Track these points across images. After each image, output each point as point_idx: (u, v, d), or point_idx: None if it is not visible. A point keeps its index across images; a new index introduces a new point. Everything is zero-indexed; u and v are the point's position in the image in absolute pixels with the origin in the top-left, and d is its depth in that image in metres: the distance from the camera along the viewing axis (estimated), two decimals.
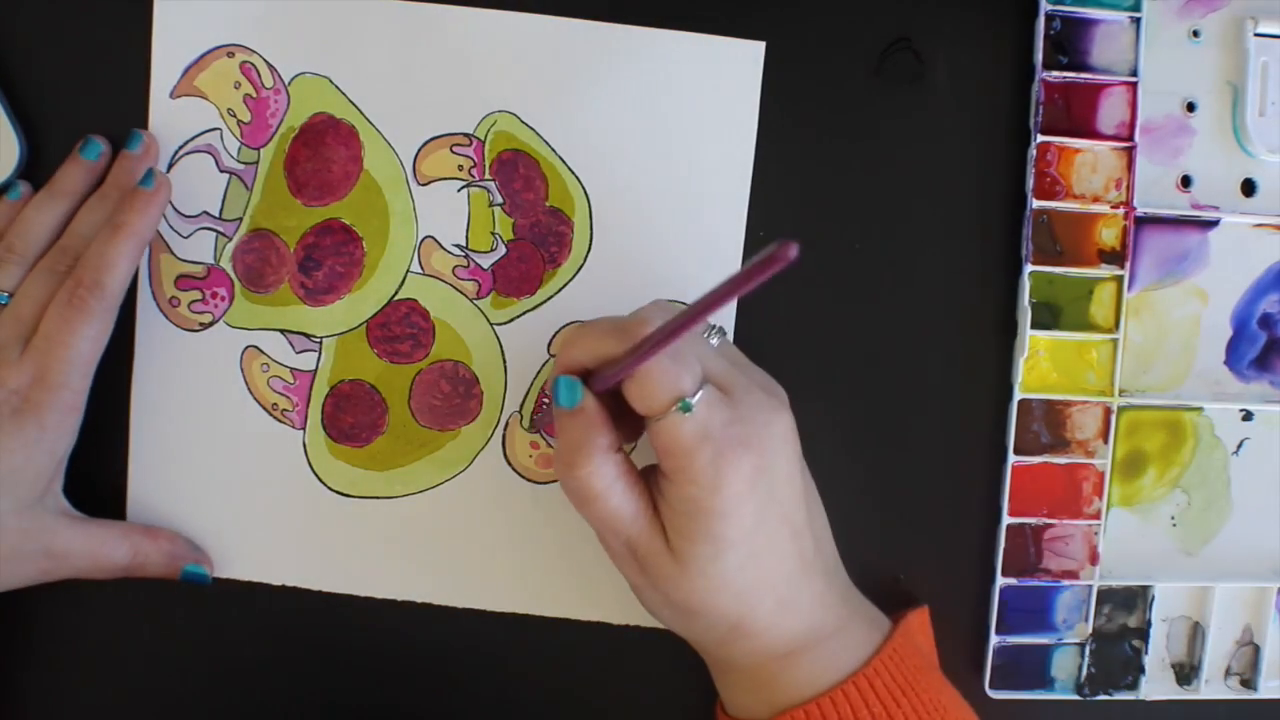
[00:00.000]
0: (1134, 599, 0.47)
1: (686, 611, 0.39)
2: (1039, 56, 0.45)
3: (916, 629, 0.43)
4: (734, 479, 0.37)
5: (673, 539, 0.38)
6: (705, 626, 0.40)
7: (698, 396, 0.37)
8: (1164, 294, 0.47)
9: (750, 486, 0.37)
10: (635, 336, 0.37)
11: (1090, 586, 0.47)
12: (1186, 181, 0.47)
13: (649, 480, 0.40)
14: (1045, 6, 0.45)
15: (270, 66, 0.45)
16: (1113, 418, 0.46)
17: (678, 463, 0.37)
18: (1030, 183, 0.45)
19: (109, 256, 0.42)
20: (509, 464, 0.46)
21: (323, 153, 0.45)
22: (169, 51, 0.45)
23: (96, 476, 0.45)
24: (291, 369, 0.46)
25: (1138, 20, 0.45)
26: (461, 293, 0.46)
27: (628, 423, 0.39)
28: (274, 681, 0.47)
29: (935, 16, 0.46)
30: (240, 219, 0.45)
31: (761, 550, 0.38)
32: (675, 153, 0.45)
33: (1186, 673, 0.48)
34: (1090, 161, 0.46)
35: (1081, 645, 0.47)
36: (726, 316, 0.46)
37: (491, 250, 0.46)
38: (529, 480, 0.46)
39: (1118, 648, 0.47)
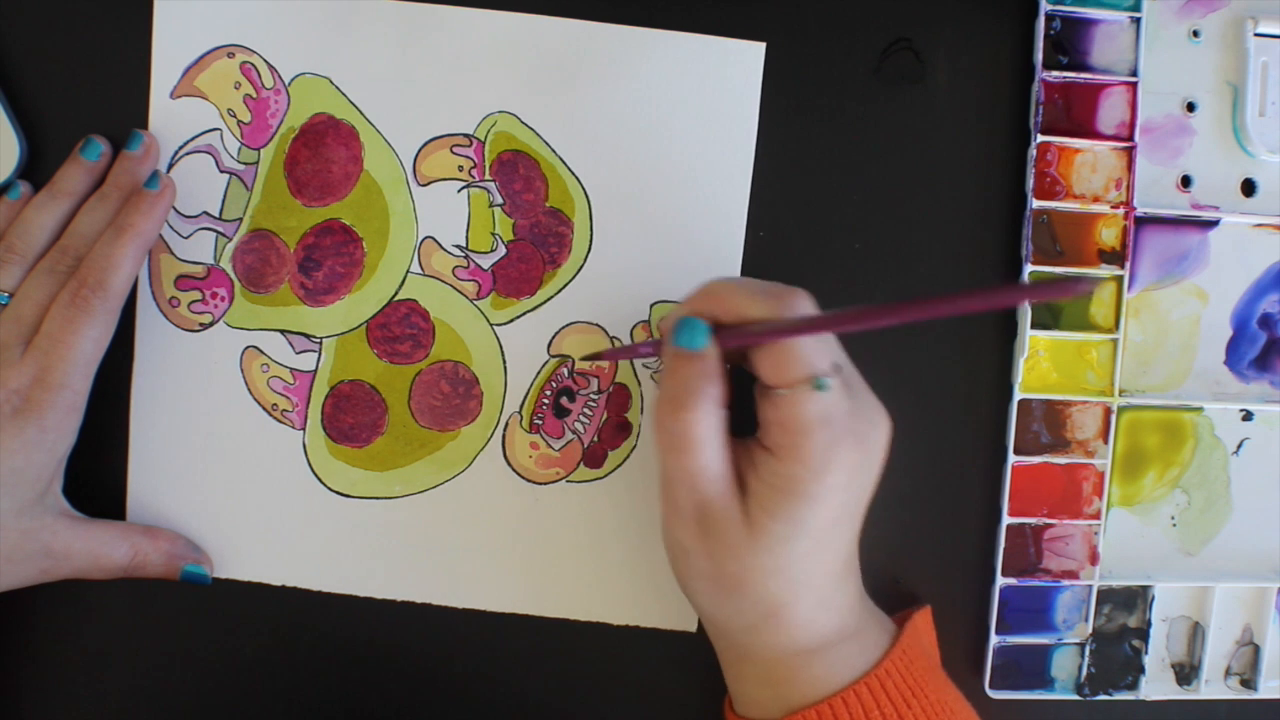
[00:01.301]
0: (1134, 599, 0.47)
1: (732, 587, 0.39)
2: (1039, 56, 0.45)
3: (922, 629, 0.44)
4: (838, 469, 0.37)
5: (752, 510, 0.38)
6: (741, 609, 0.39)
7: (832, 379, 0.37)
8: (1164, 294, 0.47)
9: (847, 480, 0.38)
10: (787, 307, 0.37)
11: (1090, 586, 0.47)
12: (1186, 181, 0.47)
13: (735, 450, 0.39)
14: (1045, 6, 0.45)
15: (270, 67, 0.45)
16: (1113, 418, 0.46)
17: (791, 439, 0.37)
18: (1030, 183, 0.45)
19: (113, 257, 0.42)
20: (509, 464, 0.46)
21: (323, 153, 0.45)
22: (169, 51, 0.45)
23: (96, 476, 0.45)
24: (291, 369, 0.46)
25: (1138, 20, 0.45)
26: (461, 293, 0.46)
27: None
28: (274, 681, 0.47)
29: (935, 16, 0.46)
30: (240, 219, 0.45)
31: (826, 545, 0.39)
32: (675, 153, 0.45)
33: (1186, 673, 0.48)
34: (1090, 161, 0.46)
35: (1081, 645, 0.47)
36: None
37: (491, 251, 0.46)
38: (529, 481, 0.46)
39: (1118, 648, 0.47)
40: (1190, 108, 0.47)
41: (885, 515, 0.47)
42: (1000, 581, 0.46)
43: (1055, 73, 0.45)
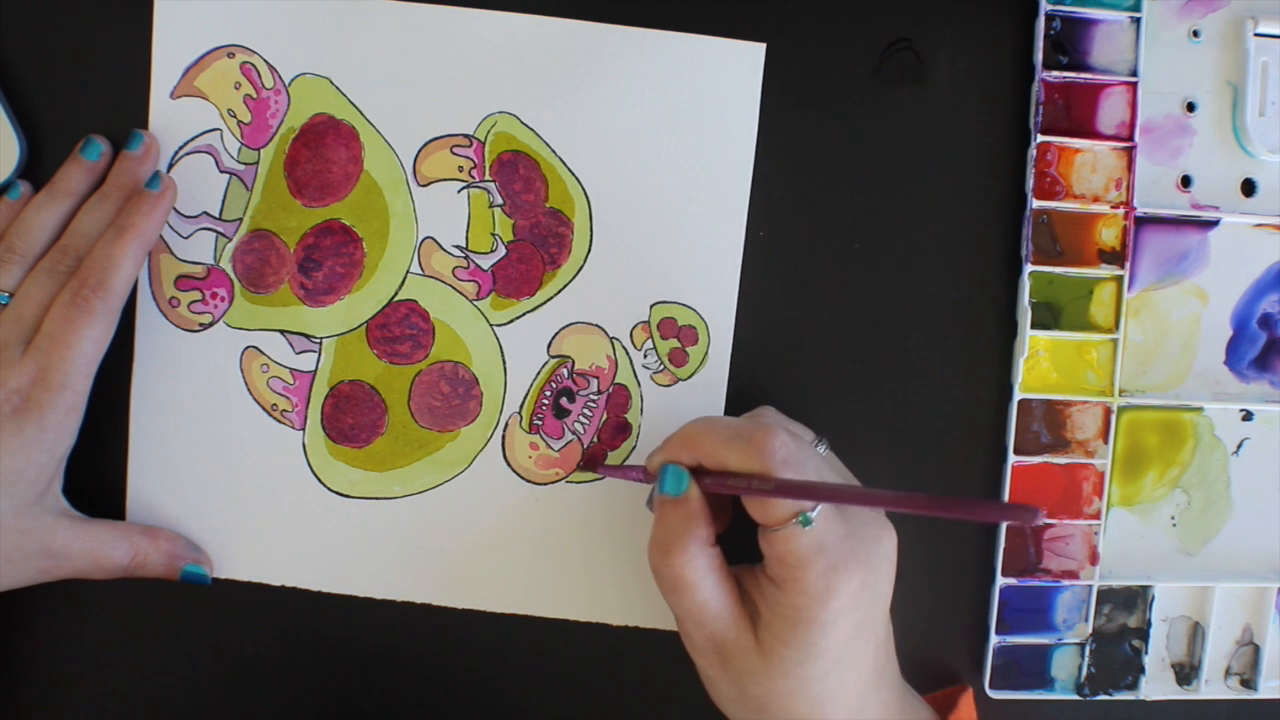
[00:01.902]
0: (1134, 599, 0.47)
1: (761, 708, 0.40)
2: (1039, 56, 0.45)
3: (965, 718, 0.44)
4: (841, 593, 0.38)
5: (764, 638, 0.39)
6: None
7: (817, 511, 0.37)
8: (1164, 294, 0.47)
9: (853, 601, 0.38)
10: (763, 454, 0.38)
11: (1090, 586, 0.47)
12: (1186, 181, 0.47)
13: (742, 577, 0.40)
14: (1045, 6, 0.45)
15: (270, 67, 0.45)
16: (1113, 418, 0.46)
17: (790, 572, 0.38)
18: (1030, 183, 0.45)
19: (115, 258, 0.42)
20: (508, 465, 0.46)
21: (323, 153, 0.45)
22: (169, 51, 0.45)
23: (96, 476, 0.45)
24: (291, 369, 0.46)
25: (1138, 20, 0.45)
26: (461, 294, 0.46)
27: (720, 512, 0.40)
28: (274, 681, 0.47)
29: (935, 16, 0.46)
30: (240, 219, 0.45)
31: (847, 661, 0.39)
32: (675, 154, 0.45)
33: (1186, 673, 0.48)
34: (1090, 161, 0.46)
35: (1081, 645, 0.47)
36: (725, 317, 0.46)
37: (491, 251, 0.46)
38: (528, 481, 0.46)
39: (1118, 648, 0.47)
40: (1190, 108, 0.46)
41: (886, 515, 0.47)
42: (1000, 581, 0.46)
43: (1055, 73, 0.45)
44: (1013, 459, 0.46)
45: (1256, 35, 0.46)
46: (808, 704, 0.39)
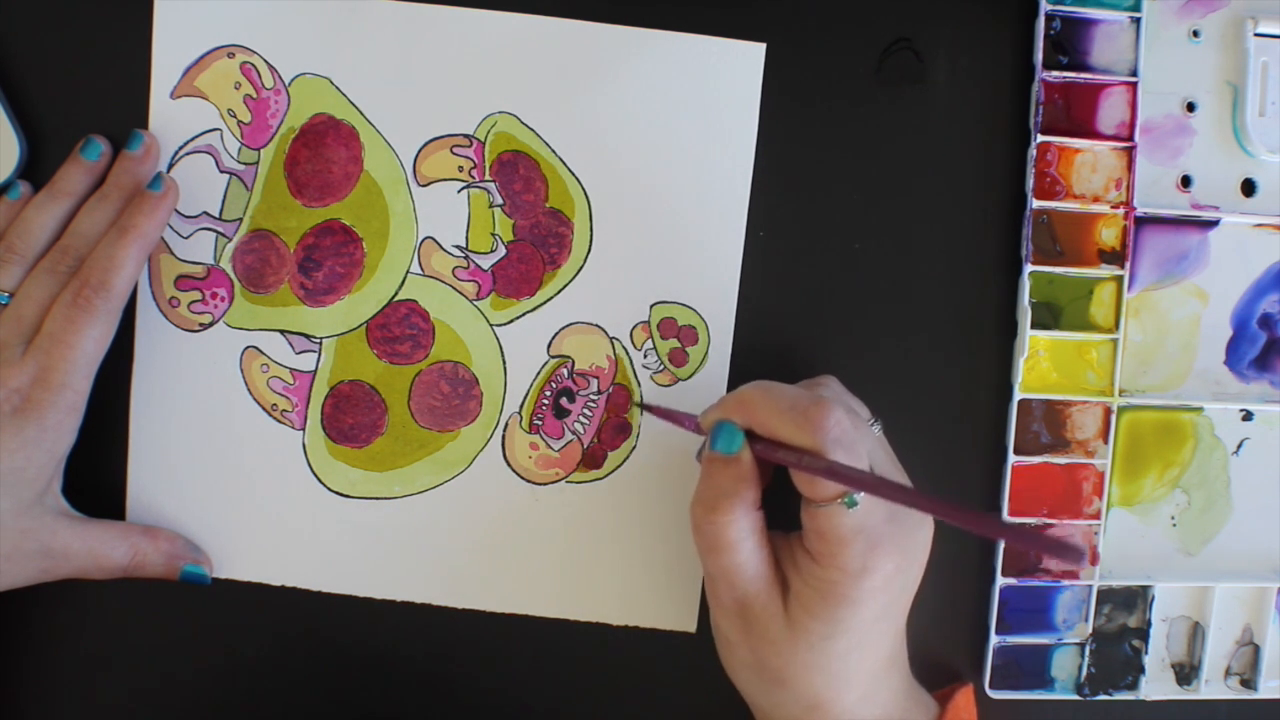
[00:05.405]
0: (1134, 599, 0.47)
1: (776, 680, 0.40)
2: (1039, 56, 0.45)
3: (963, 707, 0.44)
4: (876, 573, 0.38)
5: (793, 608, 0.39)
6: (784, 701, 0.40)
7: (863, 494, 0.37)
8: (1164, 294, 0.47)
9: (885, 583, 0.38)
10: (816, 431, 0.37)
11: (1090, 586, 0.47)
12: (1186, 181, 0.47)
13: (777, 544, 0.40)
14: (1045, 6, 0.45)
15: (270, 67, 0.45)
16: (1113, 418, 0.46)
17: (829, 548, 0.38)
18: (1030, 183, 0.45)
19: (116, 258, 0.42)
20: (508, 465, 0.46)
21: (323, 153, 0.45)
22: (169, 51, 0.45)
23: (96, 476, 0.45)
24: (291, 369, 0.46)
25: (1138, 20, 0.45)
26: (461, 294, 0.46)
27: (764, 471, 0.40)
28: (274, 682, 0.47)
29: (935, 16, 0.46)
30: (240, 219, 0.45)
31: (868, 642, 0.39)
32: (675, 154, 0.45)
33: (1186, 673, 0.48)
34: (1090, 161, 0.46)
35: (1081, 645, 0.47)
36: (725, 317, 0.46)
37: (491, 251, 0.46)
38: (528, 481, 0.46)
39: (1118, 648, 0.47)
40: (1190, 108, 0.47)
41: None
42: (1000, 581, 0.46)
43: (1055, 73, 0.45)
44: (1013, 459, 0.46)
45: (1256, 35, 0.46)
46: (824, 680, 0.39)
